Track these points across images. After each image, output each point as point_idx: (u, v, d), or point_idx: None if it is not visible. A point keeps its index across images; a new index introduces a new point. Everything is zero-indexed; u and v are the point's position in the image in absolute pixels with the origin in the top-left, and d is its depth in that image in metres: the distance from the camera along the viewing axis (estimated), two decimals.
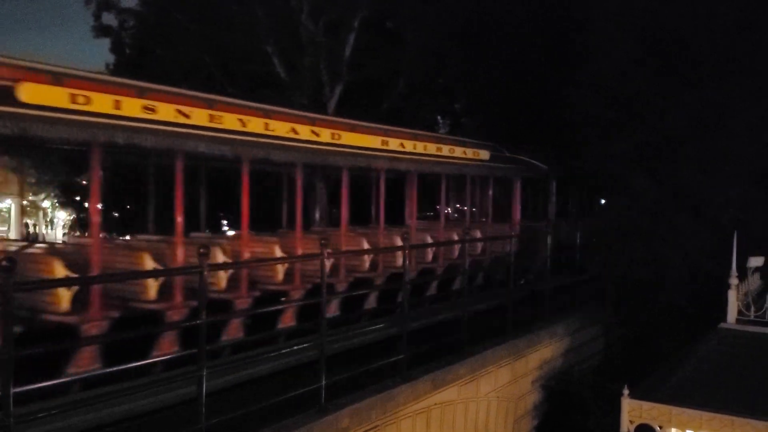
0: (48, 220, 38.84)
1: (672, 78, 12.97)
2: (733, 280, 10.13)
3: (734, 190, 13.03)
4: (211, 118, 7.91)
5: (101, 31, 23.89)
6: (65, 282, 6.91)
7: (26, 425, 5.22)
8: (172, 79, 8.72)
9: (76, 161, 10.01)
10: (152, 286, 7.20)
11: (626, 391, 7.89)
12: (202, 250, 5.56)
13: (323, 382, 6.70)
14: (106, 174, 9.00)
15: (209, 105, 8.03)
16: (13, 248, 7.97)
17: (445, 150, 12.11)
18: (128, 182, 8.65)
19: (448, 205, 13.70)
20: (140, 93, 7.30)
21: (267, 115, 8.77)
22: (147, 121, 7.19)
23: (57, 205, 36.05)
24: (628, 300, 13.72)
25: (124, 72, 21.09)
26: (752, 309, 10.03)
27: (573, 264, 14.88)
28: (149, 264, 7.47)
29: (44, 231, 37.21)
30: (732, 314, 10.16)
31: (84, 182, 23.03)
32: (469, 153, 12.90)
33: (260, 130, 8.52)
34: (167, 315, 7.34)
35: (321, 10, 19.13)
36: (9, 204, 29.37)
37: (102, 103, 6.83)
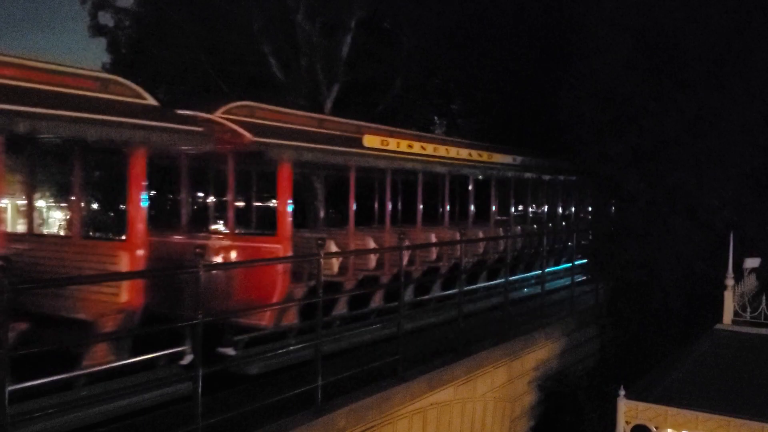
0: (43, 219, 38.66)
1: (666, 79, 13.00)
2: (729, 281, 10.15)
3: (728, 191, 13.06)
4: (434, 149, 12.60)
5: (97, 30, 23.83)
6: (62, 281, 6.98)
7: (24, 424, 5.20)
8: (168, 79, 8.84)
9: (72, 161, 10.07)
10: (373, 259, 10.86)
11: (622, 392, 7.89)
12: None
13: (320, 382, 6.69)
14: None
15: (418, 138, 12.69)
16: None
17: (547, 163, 16.14)
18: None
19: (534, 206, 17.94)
20: (390, 134, 11.73)
21: (454, 144, 13.56)
22: (411, 154, 11.70)
23: (52, 205, 35.88)
24: (623, 301, 13.74)
25: (120, 71, 21.05)
26: (748, 310, 10.06)
27: None
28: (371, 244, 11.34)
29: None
30: (728, 315, 10.19)
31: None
32: (556, 165, 16.57)
33: (455, 155, 12.99)
34: (381, 279, 10.83)
35: (317, 11, 19.12)
36: (3, 204, 29.14)
37: (393, 144, 11.34)
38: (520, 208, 17.04)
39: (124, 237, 7.29)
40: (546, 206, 17.83)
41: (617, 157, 13.32)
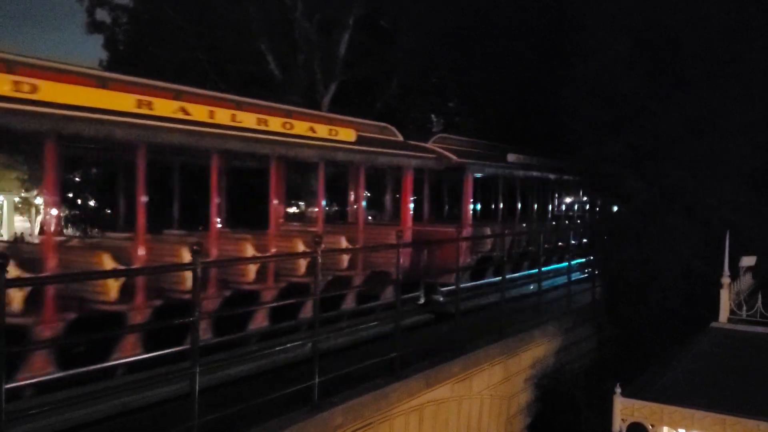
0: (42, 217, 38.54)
1: (665, 79, 13.01)
2: (725, 280, 10.17)
3: (726, 191, 13.07)
4: (539, 161, 16.40)
5: (95, 27, 23.79)
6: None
7: (19, 422, 5.20)
8: (166, 76, 8.94)
9: (70, 159, 10.39)
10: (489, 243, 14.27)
11: (618, 390, 7.90)
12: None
13: (316, 380, 6.69)
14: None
15: (533, 153, 16.39)
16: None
17: (563, 164, 17.39)
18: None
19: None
20: (520, 151, 15.81)
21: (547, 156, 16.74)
22: (532, 165, 16.15)
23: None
24: (621, 299, 13.76)
25: (118, 68, 21.02)
26: (744, 308, 10.07)
27: None
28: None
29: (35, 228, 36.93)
30: (724, 313, 10.21)
31: (77, 179, 22.99)
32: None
33: (548, 165, 16.75)
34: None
35: (315, 9, 19.10)
36: (1, 201, 29.17)
37: (522, 158, 15.49)
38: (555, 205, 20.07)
39: (399, 224, 11.84)
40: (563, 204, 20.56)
41: (616, 156, 13.33)
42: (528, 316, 11.75)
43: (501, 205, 15.72)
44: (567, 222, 19.69)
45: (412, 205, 12.70)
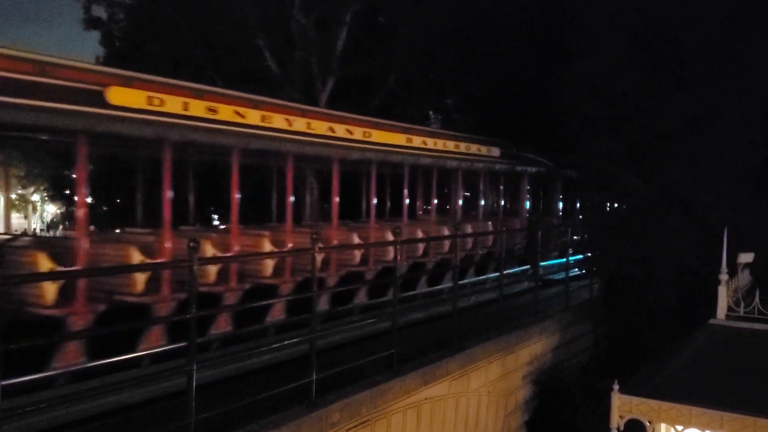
0: (39, 214, 38.52)
1: (664, 77, 12.98)
2: (723, 276, 10.13)
3: (723, 188, 13.05)
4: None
5: (91, 23, 23.72)
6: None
7: (14, 419, 5.17)
8: (161, 73, 8.91)
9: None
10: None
11: (616, 386, 7.87)
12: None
13: (314, 377, 6.66)
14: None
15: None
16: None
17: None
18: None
19: None
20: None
21: None
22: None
23: (46, 198, 35.79)
24: (618, 297, 13.76)
25: (114, 64, 20.94)
26: (742, 305, 10.05)
27: None
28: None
29: (35, 225, 36.88)
30: (722, 310, 10.18)
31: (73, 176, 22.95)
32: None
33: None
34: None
35: (313, 4, 19.06)
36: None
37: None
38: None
39: (516, 215, 16.25)
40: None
41: (614, 155, 13.31)
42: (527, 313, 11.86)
43: (578, 204, 19.60)
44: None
45: (528, 203, 16.39)
